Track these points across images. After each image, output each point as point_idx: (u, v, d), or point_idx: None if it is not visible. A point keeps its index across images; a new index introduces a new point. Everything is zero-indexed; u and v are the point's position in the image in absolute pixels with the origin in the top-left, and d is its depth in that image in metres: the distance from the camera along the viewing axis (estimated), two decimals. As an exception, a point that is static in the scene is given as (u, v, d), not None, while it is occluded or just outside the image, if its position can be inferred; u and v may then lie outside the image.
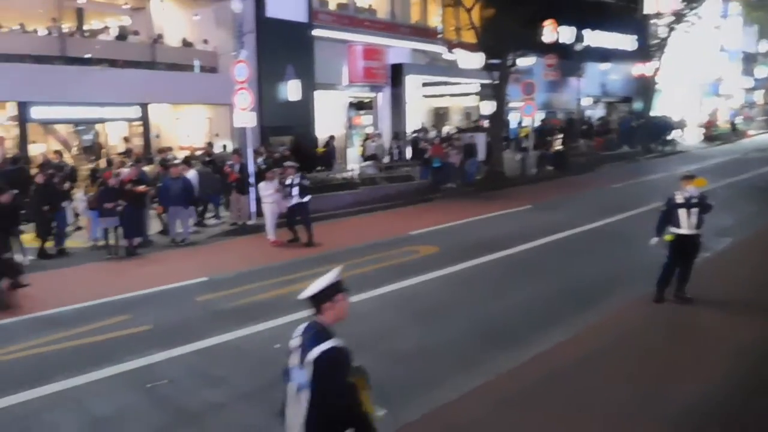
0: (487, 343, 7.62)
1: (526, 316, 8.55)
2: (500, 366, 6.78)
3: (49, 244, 12.43)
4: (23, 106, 16.11)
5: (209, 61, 19.94)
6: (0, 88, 15.31)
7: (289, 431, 3.48)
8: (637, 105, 35.35)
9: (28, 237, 12.31)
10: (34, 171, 14.20)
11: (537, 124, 25.37)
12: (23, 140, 16.50)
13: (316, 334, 3.37)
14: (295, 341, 3.47)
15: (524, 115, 24.48)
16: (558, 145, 25.63)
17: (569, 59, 29.52)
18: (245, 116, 15.25)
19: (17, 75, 15.53)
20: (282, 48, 20.11)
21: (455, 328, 8.13)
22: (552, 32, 28.88)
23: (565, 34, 30.31)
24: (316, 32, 21.69)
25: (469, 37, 24.33)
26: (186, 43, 20.21)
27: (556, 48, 28.86)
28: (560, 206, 17.34)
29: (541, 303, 9.06)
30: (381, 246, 12.92)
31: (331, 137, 21.42)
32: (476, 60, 25.53)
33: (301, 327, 3.51)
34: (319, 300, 3.41)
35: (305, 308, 3.55)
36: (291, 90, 20.86)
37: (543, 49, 27.76)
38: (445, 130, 26.36)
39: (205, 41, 20.15)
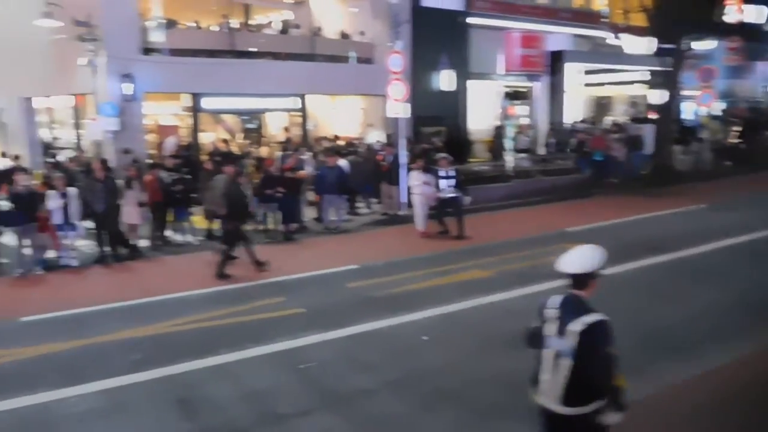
0: (650, 353, 6.83)
1: (696, 326, 7.63)
2: (666, 379, 6.09)
3: (216, 226, 13.24)
4: (196, 97, 17.44)
5: (365, 53, 20.27)
6: (177, 81, 16.68)
7: (543, 396, 3.69)
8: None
9: (197, 219, 13.23)
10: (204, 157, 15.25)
11: (716, 114, 22.91)
12: (195, 129, 17.88)
13: (577, 306, 3.61)
14: (552, 312, 3.69)
15: (700, 105, 22.17)
16: (736, 138, 22.92)
17: (757, 41, 26.37)
18: (399, 107, 15.23)
19: (192, 68, 16.78)
20: (437, 37, 19.95)
21: (615, 334, 7.37)
22: (736, 11, 25.90)
23: (752, 13, 27.06)
24: (471, 20, 21.28)
25: (639, 20, 22.51)
26: (343, 35, 20.70)
27: (741, 29, 25.84)
28: (741, 206, 15.42)
29: (715, 312, 8.05)
30: (534, 242, 12.28)
31: (499, 127, 20.97)
32: (645, 45, 23.59)
33: (556, 298, 3.73)
34: (587, 277, 3.65)
35: (454, 301, 3.33)
36: (444, 80, 20.65)
37: (725, 31, 24.97)
38: (608, 120, 24.72)
39: (362, 33, 20.50)
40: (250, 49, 18.50)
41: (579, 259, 3.67)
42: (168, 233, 12.87)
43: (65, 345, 7.56)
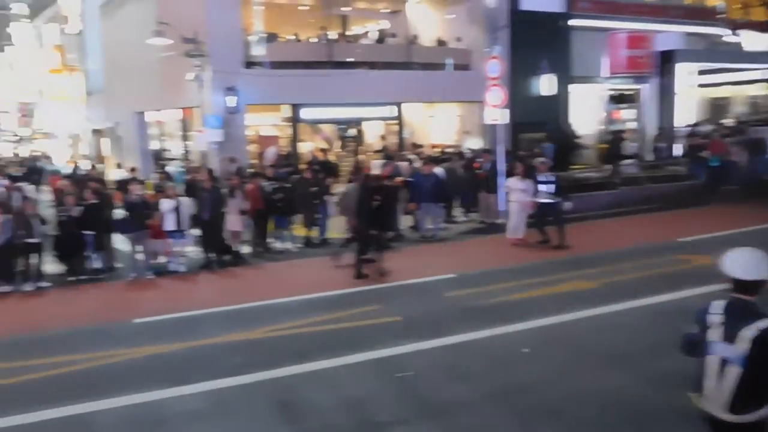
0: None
1: None
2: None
3: (314, 233, 13.47)
4: (295, 108, 17.88)
5: (462, 59, 20.02)
6: (277, 92, 17.15)
7: (708, 402, 3.57)
8: None
9: (297, 227, 13.49)
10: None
11: None
12: (294, 139, 18.34)
13: (746, 311, 3.46)
14: (716, 317, 3.55)
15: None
16: None
17: None
18: (496, 113, 14.89)
19: (292, 80, 17.19)
20: (536, 41, 19.40)
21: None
22: None
23: None
24: (573, 22, 20.54)
25: (760, 14, 20.90)
26: (440, 42, 20.57)
27: None
28: None
29: None
30: (642, 252, 11.59)
31: (616, 131, 20.16)
32: (767, 41, 21.85)
33: (719, 303, 3.59)
34: (761, 283, 3.51)
35: (555, 313, 3.03)
36: (544, 84, 20.07)
37: None
38: (725, 122, 23.02)
39: (458, 39, 20.28)
40: (348, 60, 18.75)
41: (757, 265, 3.52)
42: (269, 240, 13.21)
43: (174, 346, 7.88)
